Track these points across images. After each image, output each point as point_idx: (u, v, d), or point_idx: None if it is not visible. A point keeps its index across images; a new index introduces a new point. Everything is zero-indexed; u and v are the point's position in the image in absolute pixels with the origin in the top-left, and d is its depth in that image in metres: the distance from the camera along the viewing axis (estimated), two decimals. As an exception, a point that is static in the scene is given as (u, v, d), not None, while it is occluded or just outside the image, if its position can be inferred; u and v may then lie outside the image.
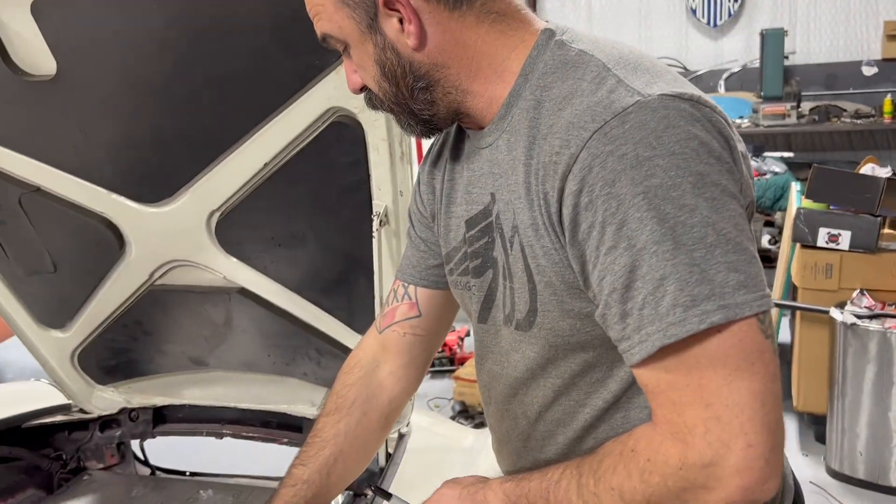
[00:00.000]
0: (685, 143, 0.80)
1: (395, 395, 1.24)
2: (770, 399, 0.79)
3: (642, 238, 0.79)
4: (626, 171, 0.80)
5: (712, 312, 0.77)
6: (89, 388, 1.94)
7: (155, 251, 1.66)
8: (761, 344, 0.79)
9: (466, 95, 0.97)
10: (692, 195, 0.79)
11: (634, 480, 0.84)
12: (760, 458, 0.78)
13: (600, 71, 0.87)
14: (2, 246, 1.70)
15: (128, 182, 1.57)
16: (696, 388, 0.80)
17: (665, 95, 0.82)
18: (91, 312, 1.79)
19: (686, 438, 0.80)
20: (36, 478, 1.86)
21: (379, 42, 0.94)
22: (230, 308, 1.75)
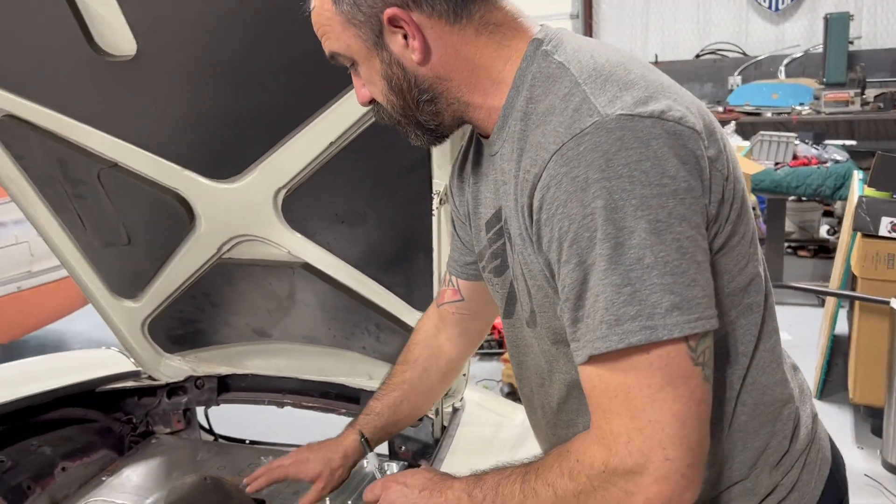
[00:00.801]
0: (634, 166, 0.83)
1: (452, 358, 1.43)
2: (691, 421, 0.85)
3: (588, 255, 0.85)
4: (577, 193, 0.85)
5: (633, 333, 0.83)
6: (158, 356, 2.03)
7: (223, 226, 1.73)
8: (688, 370, 0.85)
9: (468, 107, 1.03)
10: (633, 217, 0.82)
11: (566, 478, 0.92)
12: (677, 472, 0.84)
13: (571, 87, 0.91)
14: (81, 219, 1.79)
15: (199, 159, 1.63)
16: (624, 399, 0.86)
17: (623, 115, 0.85)
18: (161, 284, 1.87)
19: (610, 445, 0.87)
20: (108, 439, 1.96)
21: (385, 58, 1.00)
22: (293, 282, 1.81)
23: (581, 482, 0.91)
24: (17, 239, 4.25)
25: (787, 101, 6.79)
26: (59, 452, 1.83)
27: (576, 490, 0.91)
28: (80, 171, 1.70)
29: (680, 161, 0.84)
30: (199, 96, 1.53)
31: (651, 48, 8.40)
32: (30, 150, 1.69)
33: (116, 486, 1.81)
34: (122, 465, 1.89)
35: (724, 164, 0.91)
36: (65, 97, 1.59)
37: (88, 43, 1.46)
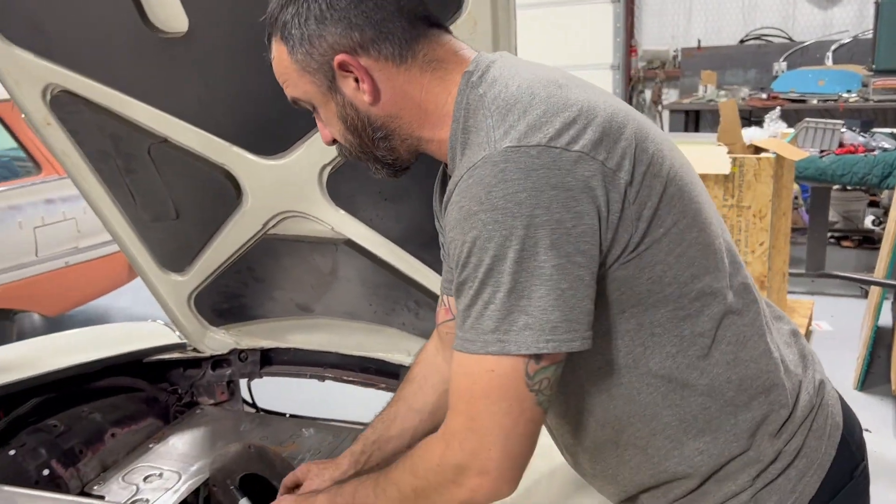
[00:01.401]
0: (510, 198, 0.90)
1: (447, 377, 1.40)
2: (515, 436, 0.96)
3: (463, 274, 0.96)
4: (461, 222, 0.94)
5: (490, 343, 0.94)
6: (203, 329, 2.08)
7: (269, 202, 1.76)
8: (521, 393, 0.95)
9: (421, 141, 1.10)
10: (503, 247, 0.91)
11: (407, 474, 1.06)
12: (496, 470, 0.97)
13: (482, 121, 0.98)
14: (132, 193, 1.84)
15: (247, 135, 1.66)
16: (467, 402, 0.98)
17: (510, 148, 0.92)
18: (208, 258, 1.91)
19: (449, 441, 1.00)
20: (155, 408, 2.02)
21: (339, 101, 1.07)
22: (336, 258, 1.84)
23: (419, 476, 1.03)
24: (65, 216, 4.36)
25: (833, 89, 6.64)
26: (109, 419, 1.89)
27: (414, 485, 1.04)
28: (132, 146, 1.74)
29: (560, 190, 0.91)
30: (247, 73, 1.55)
31: (694, 33, 8.27)
32: (84, 126, 1.74)
33: (163, 453, 1.87)
34: (168, 433, 1.95)
35: (626, 171, 0.95)
36: (118, 73, 1.63)
37: (142, 20, 1.49)
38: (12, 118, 4.35)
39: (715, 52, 7.90)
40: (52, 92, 1.69)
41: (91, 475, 1.79)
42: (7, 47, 1.63)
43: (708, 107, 7.02)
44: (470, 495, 0.99)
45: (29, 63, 1.63)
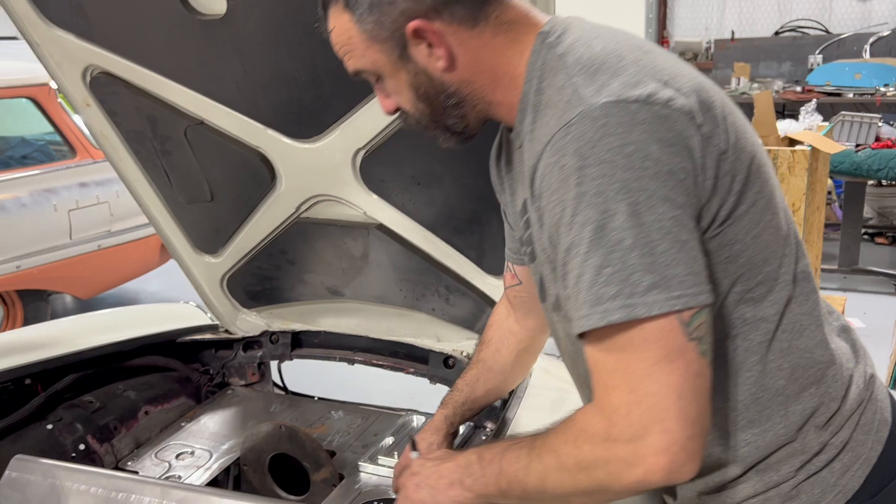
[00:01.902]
0: (617, 151, 0.86)
1: (522, 338, 1.46)
2: (688, 394, 0.87)
3: (569, 239, 0.89)
4: (564, 181, 0.89)
5: (613, 311, 0.86)
6: (235, 310, 2.11)
7: (303, 185, 1.77)
8: (682, 345, 0.87)
9: (491, 105, 1.07)
10: (614, 201, 0.85)
11: (570, 445, 0.95)
12: (676, 444, 0.86)
13: (564, 80, 0.95)
14: (167, 175, 1.86)
15: (282, 118, 1.67)
16: (623, 373, 0.89)
17: (608, 102, 0.88)
18: (241, 240, 1.93)
19: (611, 416, 0.90)
20: (187, 388, 2.04)
21: (411, 69, 1.03)
22: (368, 242, 1.85)
23: (584, 451, 0.93)
24: (99, 199, 4.43)
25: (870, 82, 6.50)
26: (143, 397, 1.92)
27: (578, 457, 0.94)
28: (169, 127, 1.76)
29: (664, 144, 0.87)
30: (284, 56, 1.57)
31: (727, 24, 8.16)
32: (122, 107, 1.77)
33: (195, 432, 1.89)
34: (200, 412, 1.98)
35: (722, 139, 0.92)
36: (157, 55, 1.65)
37: (181, 2, 1.51)
38: (48, 102, 4.43)
39: (749, 43, 7.78)
40: (92, 73, 1.71)
41: (125, 451, 1.83)
42: (49, 29, 1.65)
43: (741, 99, 6.92)
44: (644, 476, 0.88)
45: (70, 44, 1.66)
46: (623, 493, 0.94)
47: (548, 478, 0.98)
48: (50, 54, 1.69)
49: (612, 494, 0.95)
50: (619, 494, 0.94)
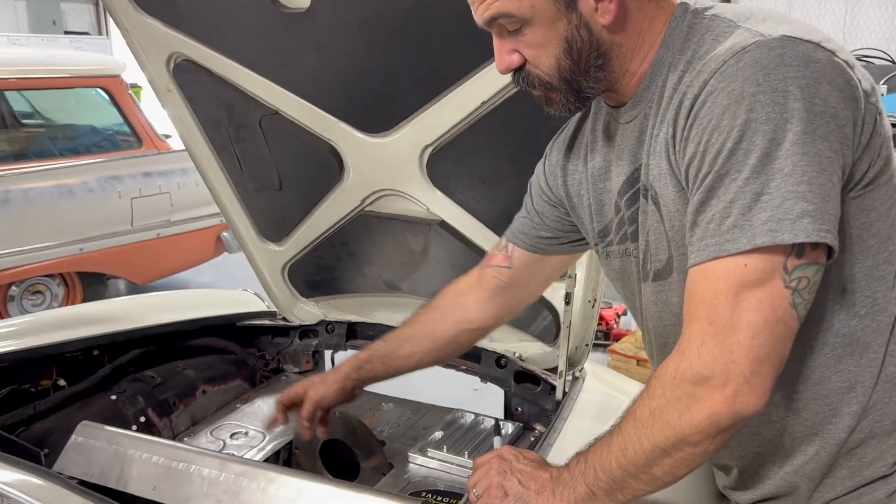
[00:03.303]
0: (791, 82, 0.86)
1: (473, 318, 1.44)
2: (764, 335, 0.87)
3: (728, 165, 0.88)
4: (731, 106, 0.88)
5: (760, 235, 0.86)
6: (294, 299, 2.16)
7: (369, 179, 1.81)
8: (775, 288, 0.87)
9: (625, 74, 1.05)
10: (782, 130, 0.86)
11: (644, 398, 0.96)
12: (740, 375, 0.87)
13: (728, 27, 0.95)
14: (240, 162, 1.92)
15: (355, 112, 1.72)
16: (709, 305, 0.89)
17: (787, 37, 0.89)
18: (305, 230, 1.98)
19: (684, 351, 0.91)
20: (243, 371, 2.10)
21: (574, 20, 1.00)
22: (428, 238, 1.88)
23: (656, 396, 0.94)
24: (161, 189, 4.56)
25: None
26: (201, 376, 1.98)
27: (651, 406, 0.94)
28: (244, 116, 1.82)
29: (834, 87, 0.88)
30: (362, 51, 1.61)
31: (790, 50, 8.05)
32: (202, 94, 1.83)
33: (249, 414, 1.94)
34: (255, 395, 2.03)
35: (878, 100, 0.93)
36: (239, 45, 1.71)
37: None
38: (119, 93, 4.59)
39: (811, 70, 7.66)
40: (176, 60, 1.78)
41: (182, 427, 1.88)
42: (139, 15, 1.73)
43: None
44: (712, 410, 0.89)
45: (157, 31, 1.73)
46: (698, 443, 0.92)
47: (628, 445, 0.97)
48: (137, 40, 1.77)
49: (689, 448, 0.92)
50: (695, 446, 0.92)
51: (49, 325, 1.93)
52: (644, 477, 0.98)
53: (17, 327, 2.00)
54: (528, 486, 1.10)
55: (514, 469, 1.14)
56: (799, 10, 8.09)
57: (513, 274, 1.38)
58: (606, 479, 1.00)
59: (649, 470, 0.97)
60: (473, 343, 1.51)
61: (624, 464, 0.97)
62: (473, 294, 1.42)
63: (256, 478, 1.31)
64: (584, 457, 1.04)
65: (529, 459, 1.15)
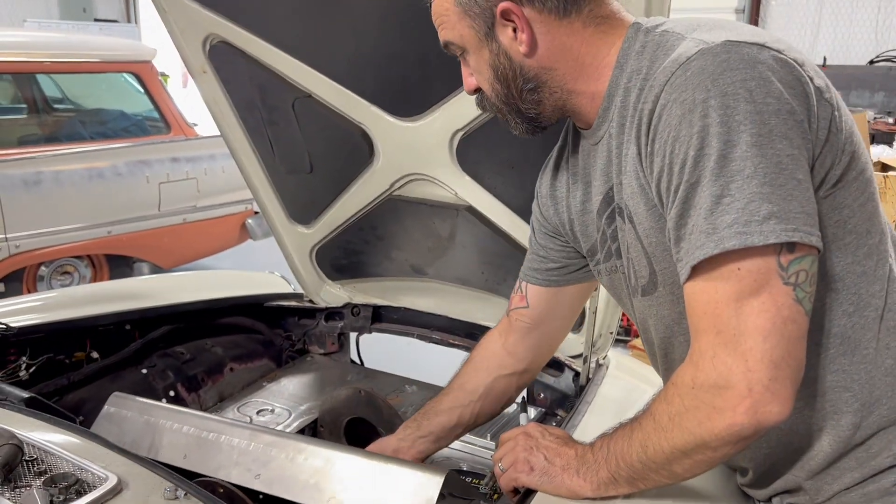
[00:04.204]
0: (740, 84, 0.87)
1: (507, 363, 1.43)
2: (774, 336, 0.87)
3: (695, 174, 0.89)
4: (686, 116, 0.89)
5: (728, 238, 0.86)
6: (320, 281, 2.19)
7: (399, 163, 1.83)
8: (775, 287, 0.87)
9: (571, 94, 1.09)
10: (737, 132, 0.86)
11: (663, 403, 0.98)
12: (759, 384, 0.87)
13: (676, 39, 0.97)
14: (271, 144, 1.95)
15: (387, 96, 1.74)
16: (712, 316, 0.90)
17: (729, 42, 0.90)
18: (334, 213, 2.01)
19: (698, 362, 0.92)
20: (270, 351, 2.13)
21: (494, 48, 1.08)
22: (456, 224, 1.90)
23: (674, 403, 0.96)
24: (188, 175, 4.62)
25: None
26: (229, 354, 2.02)
27: (670, 412, 0.96)
28: (278, 98, 1.85)
29: (784, 85, 0.89)
30: (396, 35, 1.63)
31: (820, 49, 7.97)
32: (236, 76, 1.86)
33: (275, 392, 1.98)
34: (281, 374, 2.06)
35: (832, 98, 0.93)
36: (275, 28, 1.73)
37: (305, -23, 1.59)
38: (150, 78, 4.65)
39: (841, 71, 7.59)
40: (212, 42, 1.81)
41: (209, 403, 1.92)
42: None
43: (828, 126, 6.75)
44: (732, 420, 0.89)
45: (195, 13, 1.76)
46: (719, 448, 0.94)
47: (648, 443, 1.00)
48: (175, 21, 1.80)
49: (709, 452, 0.95)
50: (715, 450, 0.95)
51: (83, 300, 1.98)
52: (664, 472, 1.02)
53: (53, 300, 2.05)
54: (554, 462, 1.13)
55: (539, 445, 1.16)
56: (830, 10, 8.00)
57: (532, 313, 1.39)
58: (627, 470, 1.04)
59: (669, 467, 1.01)
60: (515, 390, 1.48)
61: (644, 459, 1.01)
62: (503, 340, 1.43)
63: (286, 448, 1.33)
64: (608, 443, 1.08)
65: (555, 436, 1.18)
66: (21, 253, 4.06)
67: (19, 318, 1.78)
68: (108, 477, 1.04)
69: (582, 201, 1.21)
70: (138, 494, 1.03)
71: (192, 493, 1.04)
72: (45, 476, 1.05)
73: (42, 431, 1.17)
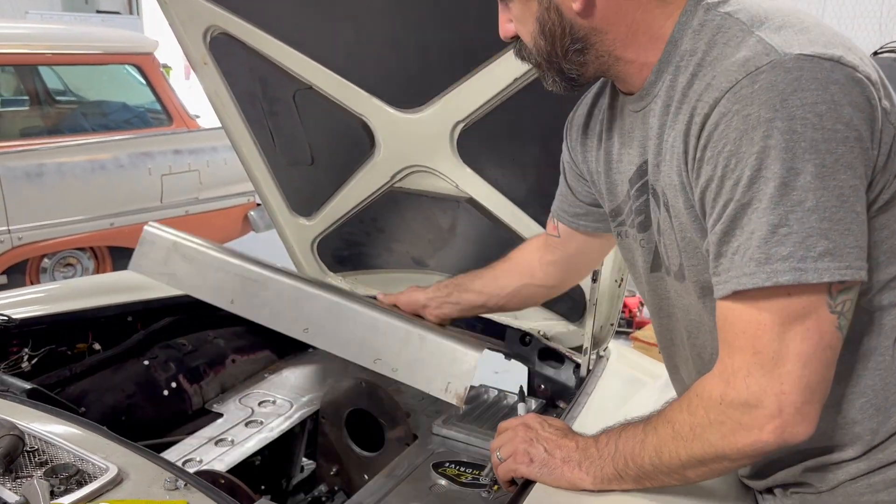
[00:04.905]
0: (809, 108, 0.83)
1: (535, 274, 1.53)
2: (814, 363, 0.87)
3: (749, 194, 0.86)
4: (748, 132, 0.85)
5: (783, 273, 0.85)
6: (322, 273, 2.19)
7: (400, 155, 1.83)
8: (822, 316, 0.87)
9: (618, 61, 1.03)
10: (802, 160, 0.83)
11: (684, 412, 0.97)
12: (791, 406, 0.87)
13: (742, 33, 0.90)
14: (272, 136, 1.95)
15: (387, 88, 1.74)
16: (752, 336, 0.89)
17: (802, 56, 0.84)
18: (335, 205, 2.01)
19: (729, 379, 0.90)
20: (271, 342, 2.13)
21: (544, 2, 0.99)
22: (456, 215, 1.89)
23: (698, 415, 0.95)
24: (190, 167, 4.62)
25: None
26: (231, 346, 2.02)
27: (692, 423, 0.96)
28: (279, 90, 1.85)
29: (855, 108, 0.85)
30: (396, 26, 1.63)
31: (824, 41, 7.93)
32: (237, 68, 1.86)
33: (276, 383, 1.98)
34: (283, 366, 2.06)
35: None
36: (276, 19, 1.73)
37: (305, -32, 1.58)
38: (152, 70, 4.64)
39: (845, 62, 7.55)
40: (213, 33, 1.81)
41: (211, 394, 1.92)
42: (178, -11, 1.76)
43: (832, 118, 6.73)
44: (758, 438, 0.90)
45: (196, 4, 1.76)
46: (737, 460, 0.95)
47: (663, 449, 1.00)
48: (176, 13, 1.80)
49: (727, 462, 0.96)
50: (733, 462, 0.95)
51: (85, 291, 1.99)
52: (676, 476, 1.03)
53: (55, 292, 2.06)
54: (554, 454, 1.13)
55: (539, 437, 1.16)
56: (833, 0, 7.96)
57: (561, 244, 1.44)
58: (636, 470, 1.04)
59: (682, 472, 1.01)
60: (536, 300, 1.60)
61: (657, 464, 1.01)
62: (539, 254, 1.50)
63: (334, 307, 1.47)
64: (615, 440, 1.07)
65: (555, 427, 1.18)
66: (24, 245, 4.07)
67: (22, 309, 1.79)
68: (109, 468, 1.04)
69: (614, 160, 1.16)
70: (139, 485, 1.03)
71: (192, 483, 1.04)
72: (45, 467, 1.05)
73: (43, 422, 1.18)
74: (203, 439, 1.70)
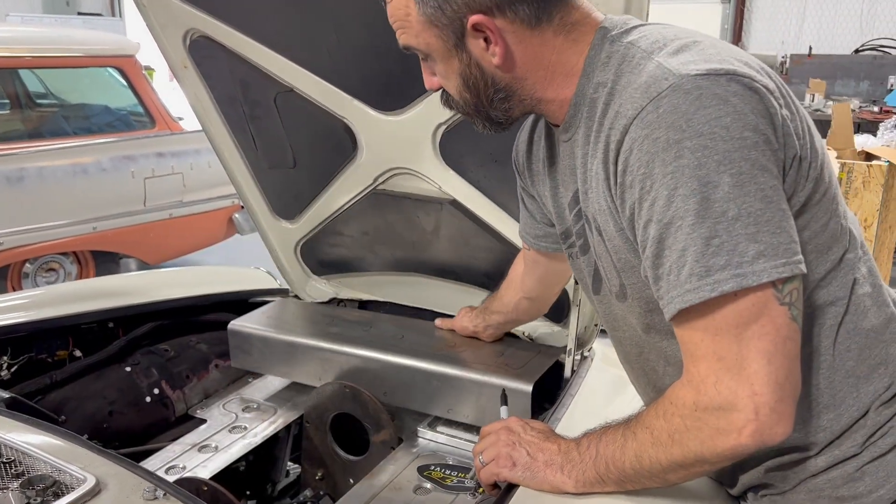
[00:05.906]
0: (715, 122, 0.86)
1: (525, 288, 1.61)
2: (777, 358, 0.89)
3: (669, 213, 0.88)
4: (659, 154, 0.88)
5: (724, 281, 0.87)
6: (305, 277, 2.18)
7: (382, 157, 1.83)
8: (773, 310, 0.88)
9: (540, 102, 1.08)
10: (717, 172, 0.86)
11: (661, 419, 0.99)
12: (766, 406, 0.88)
13: (642, 59, 0.95)
14: (254, 139, 1.94)
15: (369, 90, 1.73)
16: (711, 342, 0.91)
17: (699, 75, 0.88)
18: (318, 208, 2.00)
19: (699, 386, 0.93)
20: (255, 346, 2.12)
21: (464, 59, 1.04)
22: (440, 217, 1.89)
23: (674, 422, 0.97)
24: (174, 170, 4.59)
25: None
26: (214, 351, 2.00)
27: (670, 429, 0.97)
28: (260, 93, 1.83)
29: (758, 115, 0.88)
30: (377, 27, 1.60)
31: (805, 39, 7.99)
32: (217, 71, 1.85)
33: (261, 388, 1.97)
34: (266, 370, 2.05)
35: (798, 124, 0.94)
36: (255, 22, 1.72)
37: (283, -30, 1.57)
38: (133, 73, 4.61)
39: (826, 60, 7.62)
40: (192, 37, 1.80)
41: (194, 400, 1.91)
42: (157, -8, 1.74)
43: (815, 116, 6.78)
44: (737, 442, 0.91)
45: (175, 8, 1.75)
46: (718, 462, 0.96)
47: (643, 454, 1.01)
48: (155, 16, 1.78)
49: (707, 465, 0.97)
50: (714, 465, 0.97)
51: (65, 298, 1.96)
52: (657, 479, 1.04)
53: (35, 299, 2.04)
54: (537, 457, 1.14)
55: (522, 440, 1.17)
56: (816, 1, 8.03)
57: (532, 261, 1.51)
58: (618, 473, 1.06)
59: (663, 476, 1.03)
60: (532, 313, 1.69)
61: (638, 468, 1.03)
62: (521, 268, 1.58)
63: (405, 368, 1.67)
64: (596, 444, 1.08)
65: (537, 430, 1.18)
66: (5, 250, 4.03)
67: (1, 316, 1.77)
68: (87, 478, 1.03)
69: (559, 186, 1.21)
70: (117, 495, 1.02)
71: (171, 493, 1.03)
72: (22, 478, 1.04)
73: (20, 432, 1.16)
74: (186, 445, 1.69)
